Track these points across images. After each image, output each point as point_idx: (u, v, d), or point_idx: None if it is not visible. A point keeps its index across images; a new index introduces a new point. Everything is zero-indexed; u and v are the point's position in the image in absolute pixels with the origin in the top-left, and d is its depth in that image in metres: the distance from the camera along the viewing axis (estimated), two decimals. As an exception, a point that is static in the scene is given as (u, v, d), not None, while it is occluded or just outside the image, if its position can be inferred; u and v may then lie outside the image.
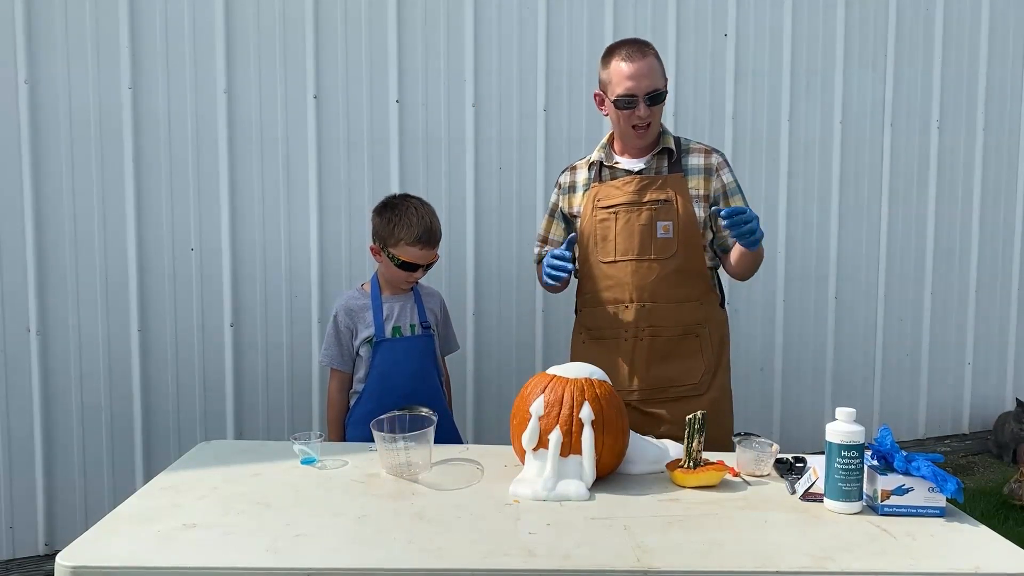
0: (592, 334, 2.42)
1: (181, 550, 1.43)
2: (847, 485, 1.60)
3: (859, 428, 1.62)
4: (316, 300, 3.12)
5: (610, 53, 2.31)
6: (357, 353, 2.43)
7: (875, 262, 4.00)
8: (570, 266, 2.23)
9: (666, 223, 2.27)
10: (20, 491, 2.82)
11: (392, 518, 1.58)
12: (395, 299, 2.44)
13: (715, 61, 3.63)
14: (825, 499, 1.63)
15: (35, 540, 2.85)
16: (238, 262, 3.02)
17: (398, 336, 2.41)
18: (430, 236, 2.36)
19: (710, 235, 2.35)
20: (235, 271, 3.01)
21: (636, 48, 2.26)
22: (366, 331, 2.39)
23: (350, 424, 2.43)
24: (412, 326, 2.44)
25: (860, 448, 1.61)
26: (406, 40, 3.17)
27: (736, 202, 2.32)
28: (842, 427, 1.62)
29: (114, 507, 1.63)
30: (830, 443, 1.62)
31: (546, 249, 2.55)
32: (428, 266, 2.41)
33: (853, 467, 1.60)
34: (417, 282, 2.48)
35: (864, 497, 1.63)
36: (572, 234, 2.37)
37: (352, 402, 2.45)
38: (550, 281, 2.29)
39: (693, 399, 2.28)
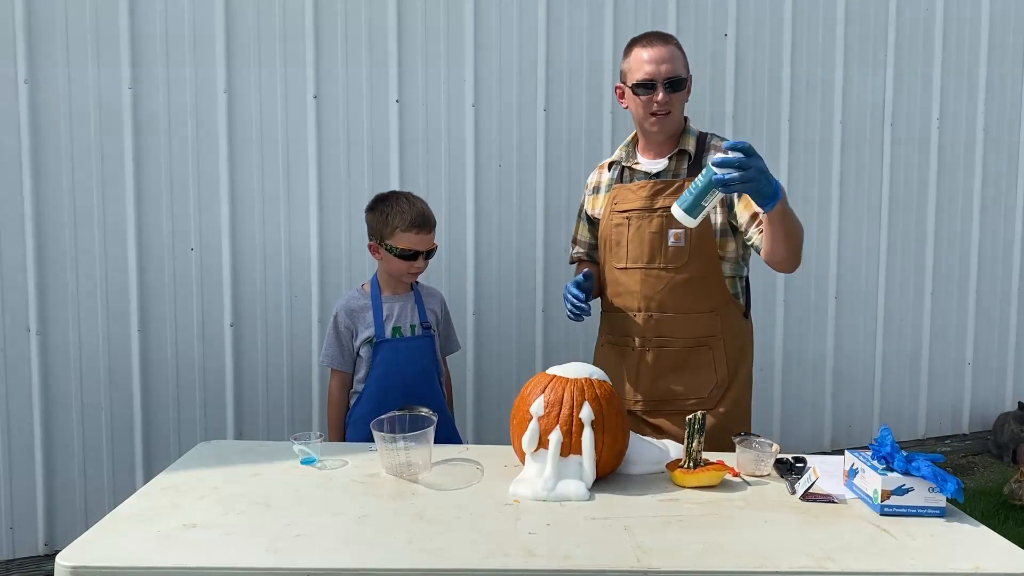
0: (608, 338, 2.39)
1: (181, 550, 1.43)
2: (689, 195, 1.81)
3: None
4: (316, 300, 3.12)
5: (632, 44, 2.27)
6: (357, 353, 2.43)
7: (875, 262, 4.00)
8: (589, 312, 2.21)
9: (677, 231, 2.19)
10: (20, 491, 2.82)
11: (392, 518, 1.58)
12: (395, 299, 2.44)
13: (715, 61, 3.64)
14: (674, 205, 1.85)
15: (35, 540, 2.85)
16: (238, 262, 3.02)
17: (398, 336, 2.41)
18: (424, 219, 2.37)
19: (732, 245, 2.25)
20: (235, 271, 3.01)
21: (658, 37, 2.23)
22: (366, 331, 2.40)
23: (350, 424, 2.43)
24: (412, 326, 2.44)
25: (710, 177, 1.76)
26: (406, 40, 3.17)
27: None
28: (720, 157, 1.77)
29: (114, 507, 1.63)
30: (708, 165, 1.78)
31: (577, 251, 2.53)
32: (428, 255, 2.41)
33: (702, 188, 1.78)
34: (418, 280, 2.48)
35: (854, 488, 1.64)
36: (586, 270, 2.31)
37: (352, 402, 2.45)
38: (571, 319, 2.25)
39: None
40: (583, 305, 2.20)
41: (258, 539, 1.47)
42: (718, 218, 2.22)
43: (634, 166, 2.31)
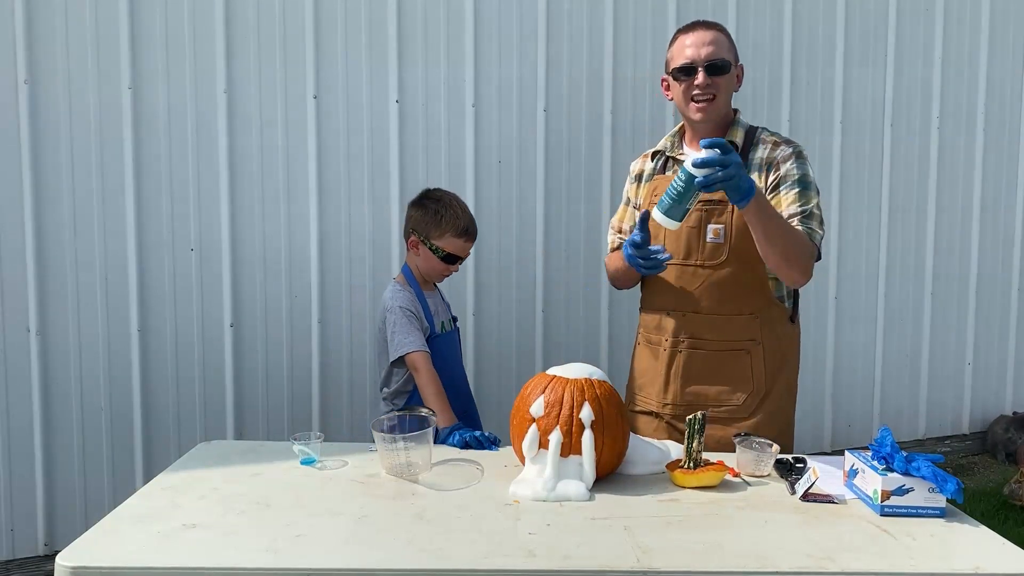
0: (644, 337, 2.26)
1: (181, 550, 1.42)
2: (669, 199, 1.79)
3: (709, 161, 1.73)
4: (316, 300, 3.12)
5: (676, 33, 2.16)
6: None
7: (875, 262, 4.00)
8: (666, 258, 1.98)
9: (717, 226, 2.05)
10: (20, 491, 2.82)
11: (392, 518, 1.58)
12: (432, 295, 2.45)
13: (715, 61, 3.63)
14: (654, 209, 1.84)
15: (35, 540, 2.85)
16: (238, 262, 3.01)
17: (443, 331, 2.42)
18: (474, 229, 2.40)
19: None
20: (235, 271, 3.01)
21: (703, 23, 2.13)
22: (425, 325, 2.35)
23: None
24: (449, 321, 2.48)
25: (690, 179, 1.76)
26: (406, 40, 3.17)
27: (790, 194, 2.05)
28: (699, 154, 1.76)
29: (114, 507, 1.63)
30: (683, 168, 1.78)
31: (619, 238, 2.35)
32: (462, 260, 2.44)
33: (682, 190, 1.77)
34: None
35: (854, 488, 1.64)
36: (644, 211, 2.04)
37: (402, 404, 2.34)
38: (643, 272, 2.03)
39: (734, 423, 2.05)
40: (663, 256, 1.98)
41: (258, 539, 1.47)
42: None
43: (678, 156, 2.19)
